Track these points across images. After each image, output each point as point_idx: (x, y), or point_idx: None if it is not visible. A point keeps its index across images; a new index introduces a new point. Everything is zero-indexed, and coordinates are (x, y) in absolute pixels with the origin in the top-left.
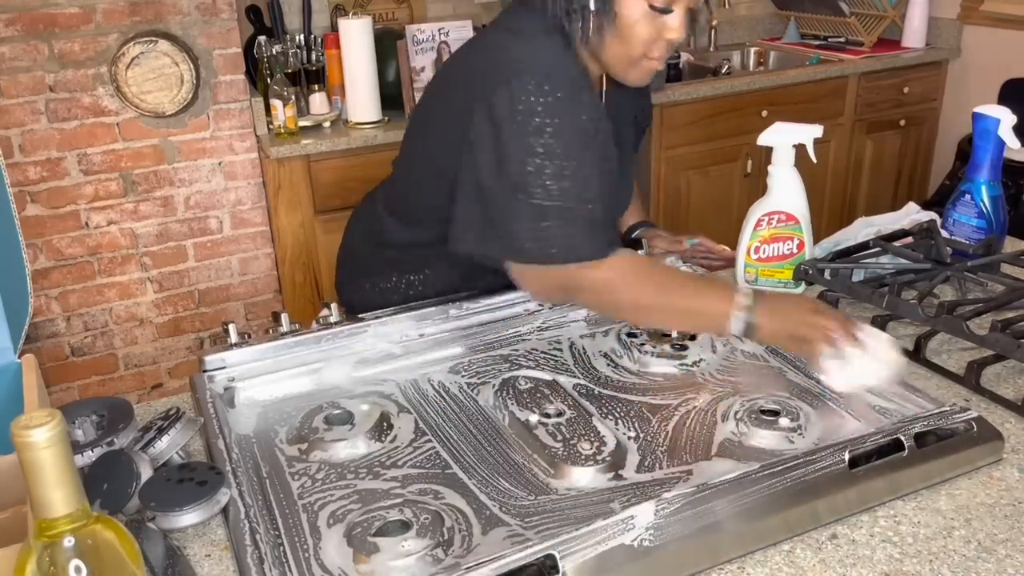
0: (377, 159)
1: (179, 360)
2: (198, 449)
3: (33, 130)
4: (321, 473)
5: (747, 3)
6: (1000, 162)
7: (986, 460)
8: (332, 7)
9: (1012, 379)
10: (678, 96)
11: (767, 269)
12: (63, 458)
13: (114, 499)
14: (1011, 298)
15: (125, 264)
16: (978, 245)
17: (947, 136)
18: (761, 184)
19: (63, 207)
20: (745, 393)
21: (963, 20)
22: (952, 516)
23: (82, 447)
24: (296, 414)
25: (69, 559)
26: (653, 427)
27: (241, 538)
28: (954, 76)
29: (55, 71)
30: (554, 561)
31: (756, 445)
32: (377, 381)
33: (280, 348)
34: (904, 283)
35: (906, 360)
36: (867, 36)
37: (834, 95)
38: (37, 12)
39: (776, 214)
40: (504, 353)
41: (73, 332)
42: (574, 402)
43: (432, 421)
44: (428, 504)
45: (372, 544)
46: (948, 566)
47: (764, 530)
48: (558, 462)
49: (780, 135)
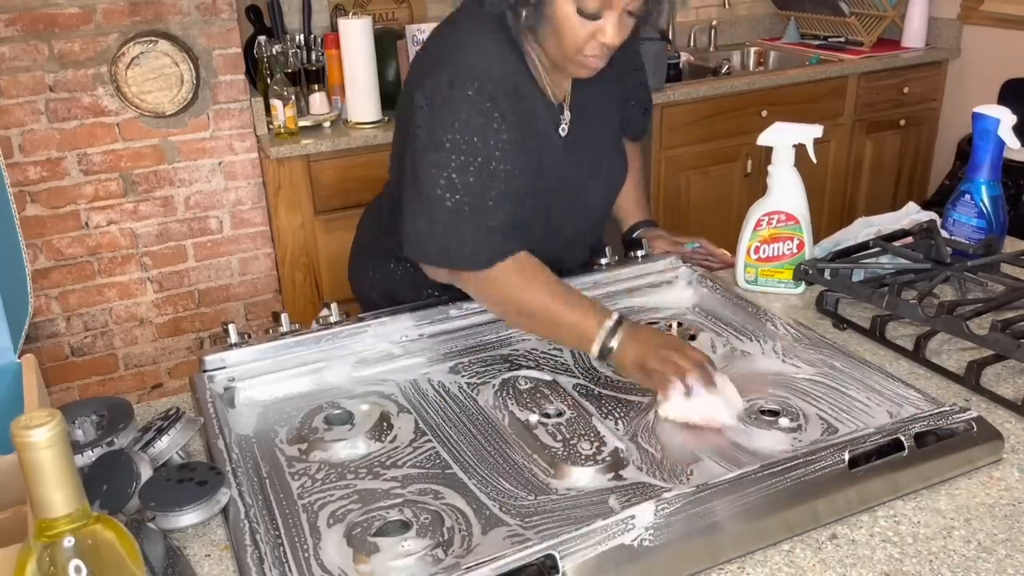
0: (377, 159)
1: (179, 360)
2: (198, 449)
3: (33, 130)
4: (321, 473)
5: (747, 3)
6: (1000, 162)
7: (986, 460)
8: (332, 7)
9: (1012, 379)
10: (678, 96)
11: (767, 269)
12: (63, 458)
13: (114, 499)
14: (1011, 298)
15: (125, 264)
16: (978, 245)
17: (947, 136)
18: (761, 184)
19: (63, 207)
20: (745, 393)
21: (963, 20)
22: (952, 516)
23: (82, 447)
24: (296, 414)
25: (69, 559)
26: (653, 427)
27: (241, 538)
28: (954, 76)
29: (55, 71)
30: (554, 561)
31: (756, 445)
32: (377, 381)
33: (280, 348)
34: (904, 283)
35: (743, 407)
36: (867, 36)
37: (834, 95)
38: (37, 12)
39: (776, 214)
40: (504, 353)
41: (73, 332)
42: (574, 402)
43: (432, 421)
44: (428, 504)
45: (372, 544)
46: (948, 566)
47: (764, 530)
48: (558, 462)
49: (780, 135)
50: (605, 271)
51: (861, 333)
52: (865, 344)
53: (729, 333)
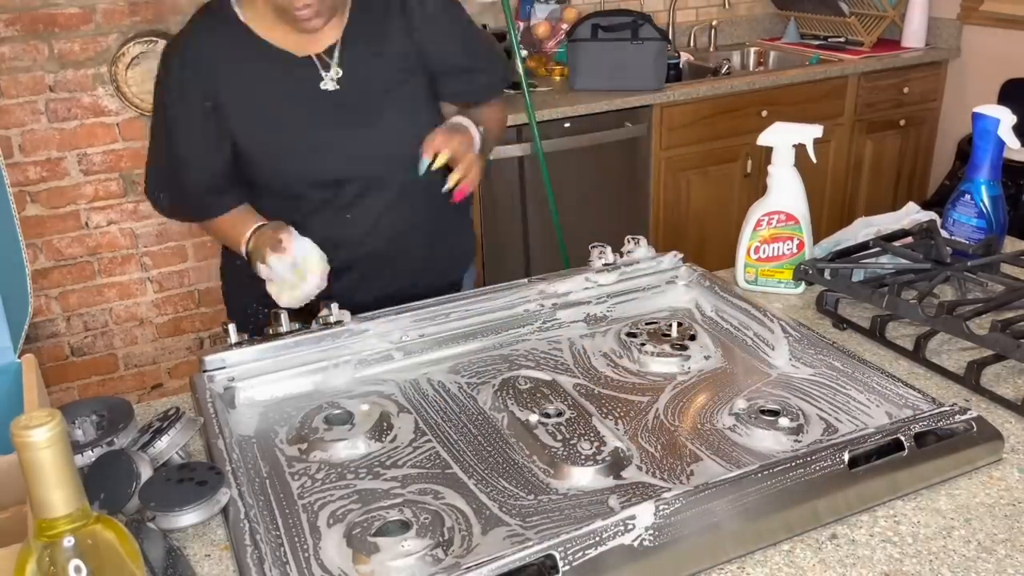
0: None
1: (179, 360)
2: (198, 449)
3: (33, 130)
4: (321, 473)
5: (747, 3)
6: (1000, 162)
7: (986, 460)
8: None
9: (1012, 379)
10: (678, 96)
11: (767, 269)
12: (63, 458)
13: (114, 499)
14: (1011, 298)
15: (125, 264)
16: (978, 245)
17: (947, 136)
18: (761, 184)
19: (63, 207)
20: (745, 393)
21: (963, 20)
22: (952, 516)
23: (82, 447)
24: (296, 414)
25: (69, 559)
26: (653, 427)
27: (241, 538)
28: (954, 76)
29: (55, 71)
30: (554, 561)
31: (756, 445)
32: (377, 381)
33: (280, 348)
34: (904, 283)
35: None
36: (867, 36)
37: (834, 95)
38: (37, 12)
39: (776, 214)
40: (504, 353)
41: (73, 332)
42: (574, 402)
43: (432, 421)
44: (428, 504)
45: (372, 544)
46: (948, 566)
47: (764, 530)
48: (558, 462)
49: (780, 135)
50: (603, 271)
51: (861, 333)
52: (865, 344)
53: (729, 333)
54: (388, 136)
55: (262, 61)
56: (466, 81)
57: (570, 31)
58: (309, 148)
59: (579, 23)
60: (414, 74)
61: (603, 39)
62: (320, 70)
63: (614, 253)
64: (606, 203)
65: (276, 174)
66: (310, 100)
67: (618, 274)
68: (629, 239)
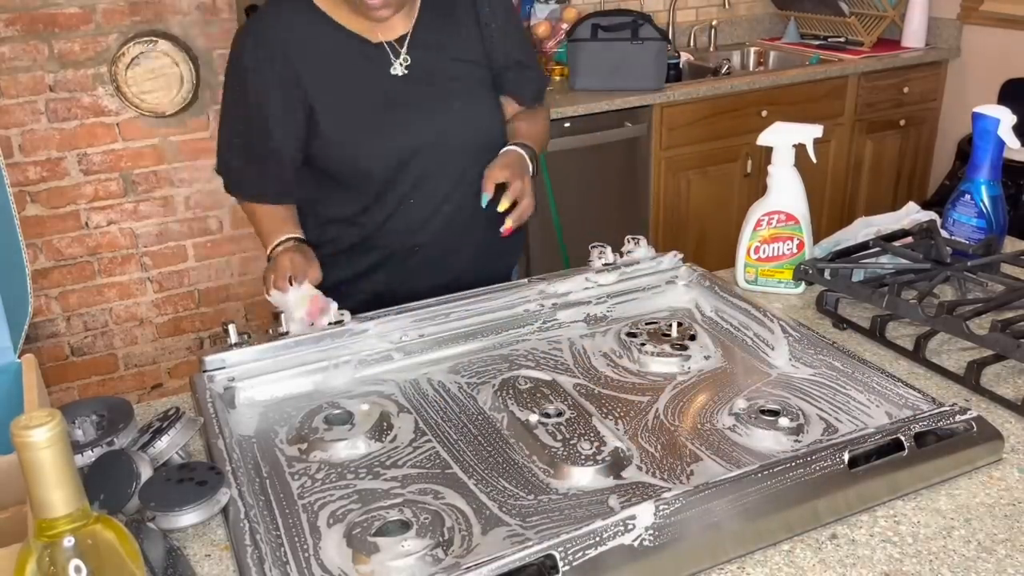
0: None
1: (179, 360)
2: (198, 449)
3: (33, 130)
4: (321, 473)
5: (747, 3)
6: (1000, 162)
7: (986, 460)
8: None
9: (1012, 379)
10: (678, 96)
11: (767, 269)
12: (63, 458)
13: (114, 499)
14: (1011, 298)
15: (125, 264)
16: (978, 245)
17: (947, 136)
18: (761, 184)
19: (63, 207)
20: (745, 393)
21: (963, 20)
22: (952, 516)
23: (82, 447)
24: (296, 414)
25: (69, 559)
26: (653, 427)
27: (241, 538)
28: (954, 76)
29: (55, 71)
30: (554, 561)
31: (756, 445)
32: (377, 381)
33: (280, 348)
34: (904, 283)
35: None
36: (867, 36)
37: (834, 95)
38: (37, 12)
39: (776, 214)
40: (504, 353)
41: (73, 332)
42: (574, 402)
43: (432, 421)
44: (428, 504)
45: (372, 544)
46: (948, 566)
47: (764, 530)
48: (558, 462)
49: (780, 135)
50: (603, 271)
51: (861, 333)
52: (865, 344)
53: (729, 333)
54: (451, 122)
55: (337, 42)
56: (524, 78)
57: (570, 31)
58: (377, 127)
59: (579, 23)
60: (479, 66)
61: (603, 39)
62: (391, 55)
63: (614, 253)
64: (606, 203)
65: (346, 152)
66: (380, 82)
67: (618, 274)
68: (629, 239)
